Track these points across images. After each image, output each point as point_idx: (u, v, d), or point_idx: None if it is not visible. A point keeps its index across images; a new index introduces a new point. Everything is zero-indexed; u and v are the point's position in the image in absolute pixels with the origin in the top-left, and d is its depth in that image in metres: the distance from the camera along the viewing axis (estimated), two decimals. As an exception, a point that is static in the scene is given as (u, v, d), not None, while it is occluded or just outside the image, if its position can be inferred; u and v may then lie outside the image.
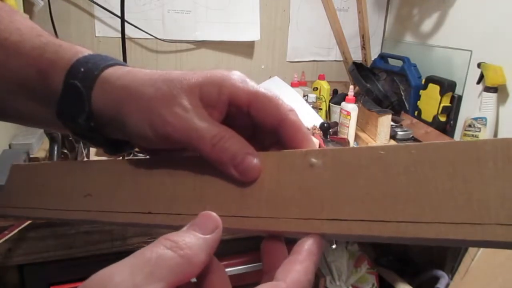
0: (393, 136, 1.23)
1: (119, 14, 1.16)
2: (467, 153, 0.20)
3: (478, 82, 1.17)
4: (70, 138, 0.97)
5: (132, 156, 0.86)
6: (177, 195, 0.27)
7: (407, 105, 1.40)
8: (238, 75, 0.27)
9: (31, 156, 0.95)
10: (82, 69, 0.28)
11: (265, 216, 0.24)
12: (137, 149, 0.33)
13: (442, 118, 1.28)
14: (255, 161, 0.25)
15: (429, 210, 0.20)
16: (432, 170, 0.21)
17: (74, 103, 0.28)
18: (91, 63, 0.28)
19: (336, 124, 1.25)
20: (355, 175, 0.23)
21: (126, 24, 1.19)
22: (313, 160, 0.24)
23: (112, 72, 0.28)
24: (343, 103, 1.22)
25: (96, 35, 1.28)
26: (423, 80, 1.34)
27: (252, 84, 0.27)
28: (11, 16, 0.31)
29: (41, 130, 1.01)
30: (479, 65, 1.16)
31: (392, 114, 1.22)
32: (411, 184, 0.21)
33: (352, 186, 0.23)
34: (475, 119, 1.16)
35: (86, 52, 0.30)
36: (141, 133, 0.27)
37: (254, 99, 0.26)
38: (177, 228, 0.27)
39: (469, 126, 1.17)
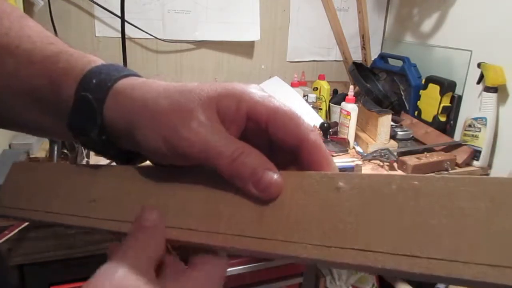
0: (393, 136, 1.23)
1: (119, 14, 1.16)
2: (508, 189, 0.19)
3: (478, 82, 1.17)
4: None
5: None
6: (189, 209, 0.26)
7: (407, 105, 1.40)
8: (257, 89, 0.26)
9: (31, 156, 0.96)
10: (94, 81, 0.27)
11: (284, 240, 0.23)
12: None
13: (442, 118, 1.28)
14: (276, 176, 0.24)
15: (466, 248, 0.19)
16: (469, 204, 0.19)
17: (85, 116, 0.27)
18: (104, 74, 0.27)
19: (336, 124, 1.25)
20: (383, 203, 0.21)
21: (126, 24, 1.19)
22: (340, 184, 0.23)
23: (125, 83, 0.27)
24: (343, 103, 1.22)
25: (96, 35, 1.28)
26: (423, 80, 1.34)
27: (272, 100, 0.26)
28: (22, 22, 0.30)
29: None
30: (479, 65, 1.16)
31: (392, 114, 1.22)
32: (446, 217, 0.20)
33: (379, 214, 0.21)
34: (475, 119, 1.16)
35: (98, 61, 0.28)
36: (155, 148, 0.25)
37: (274, 116, 0.25)
38: (189, 244, 0.25)
39: (469, 126, 1.17)
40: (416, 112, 1.36)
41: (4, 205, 0.33)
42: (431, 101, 1.30)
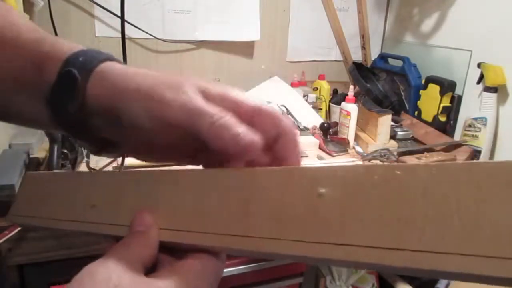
0: (393, 136, 1.23)
1: (119, 14, 1.16)
2: (496, 175, 0.18)
3: (478, 82, 1.17)
4: (70, 138, 0.97)
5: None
6: (179, 210, 0.26)
7: (407, 105, 1.40)
8: (240, 92, 0.28)
9: (31, 156, 0.95)
10: (81, 59, 0.27)
11: (268, 237, 0.22)
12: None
13: (442, 118, 1.28)
14: (256, 137, 0.25)
15: (449, 239, 0.18)
16: (454, 192, 0.18)
17: (66, 89, 0.27)
18: (89, 55, 0.28)
19: (336, 124, 1.25)
20: (367, 196, 0.21)
21: (126, 24, 1.19)
22: (321, 190, 0.22)
23: (111, 65, 0.28)
24: (343, 103, 1.22)
25: (96, 35, 1.28)
26: (423, 80, 1.34)
27: (254, 99, 0.28)
28: (6, 12, 0.31)
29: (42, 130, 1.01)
30: (479, 65, 1.16)
31: (392, 114, 1.22)
32: (430, 208, 0.19)
33: (363, 208, 0.20)
34: (475, 119, 1.16)
35: (84, 47, 0.29)
36: (137, 122, 0.26)
37: (259, 111, 0.27)
38: (179, 245, 0.26)
39: (469, 126, 1.17)
40: (416, 112, 1.36)
41: (16, 214, 0.35)
42: (431, 101, 1.30)
